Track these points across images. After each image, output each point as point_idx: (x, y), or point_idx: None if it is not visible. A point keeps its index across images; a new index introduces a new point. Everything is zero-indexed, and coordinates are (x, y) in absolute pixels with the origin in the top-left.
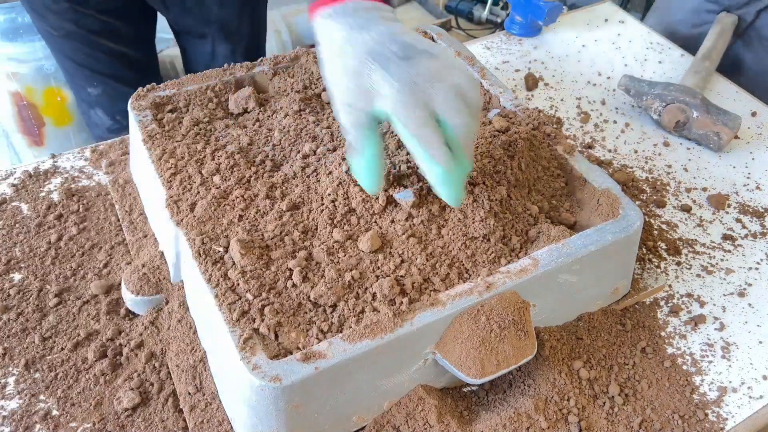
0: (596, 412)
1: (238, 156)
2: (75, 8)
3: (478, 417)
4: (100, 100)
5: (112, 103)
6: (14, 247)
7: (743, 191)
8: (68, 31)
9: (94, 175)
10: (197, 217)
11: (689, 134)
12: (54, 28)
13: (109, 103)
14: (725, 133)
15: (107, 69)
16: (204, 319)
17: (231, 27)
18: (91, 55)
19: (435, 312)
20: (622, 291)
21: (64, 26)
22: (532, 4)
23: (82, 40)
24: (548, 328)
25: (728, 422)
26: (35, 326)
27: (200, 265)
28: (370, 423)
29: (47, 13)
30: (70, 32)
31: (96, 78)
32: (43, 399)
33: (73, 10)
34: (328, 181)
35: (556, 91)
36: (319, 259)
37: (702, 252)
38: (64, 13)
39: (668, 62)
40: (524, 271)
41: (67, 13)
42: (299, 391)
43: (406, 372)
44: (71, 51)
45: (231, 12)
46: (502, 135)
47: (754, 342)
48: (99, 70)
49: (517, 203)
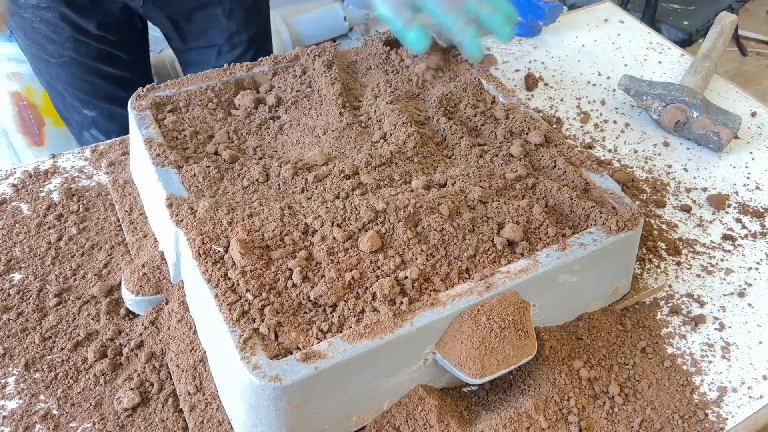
0: (596, 412)
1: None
2: (76, 37)
3: (478, 417)
4: (96, 120)
5: (107, 124)
6: (14, 247)
7: (743, 191)
8: (67, 59)
9: (94, 175)
10: (197, 217)
11: (689, 134)
12: (52, 56)
13: (104, 124)
14: (725, 133)
15: (104, 92)
16: (204, 319)
17: (238, 37)
18: (88, 80)
19: (435, 312)
20: (622, 291)
21: (63, 54)
22: (532, 4)
23: (79, 67)
24: (548, 328)
25: (728, 422)
26: (35, 326)
27: (200, 265)
28: (370, 423)
29: (45, 42)
30: (68, 60)
31: (92, 101)
32: (43, 399)
33: (73, 38)
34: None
35: (556, 91)
36: (319, 259)
37: (702, 252)
38: (64, 42)
39: (668, 62)
40: (524, 271)
41: (67, 41)
42: (299, 391)
43: (406, 372)
44: (68, 76)
45: (238, 21)
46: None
47: (754, 342)
48: (95, 94)
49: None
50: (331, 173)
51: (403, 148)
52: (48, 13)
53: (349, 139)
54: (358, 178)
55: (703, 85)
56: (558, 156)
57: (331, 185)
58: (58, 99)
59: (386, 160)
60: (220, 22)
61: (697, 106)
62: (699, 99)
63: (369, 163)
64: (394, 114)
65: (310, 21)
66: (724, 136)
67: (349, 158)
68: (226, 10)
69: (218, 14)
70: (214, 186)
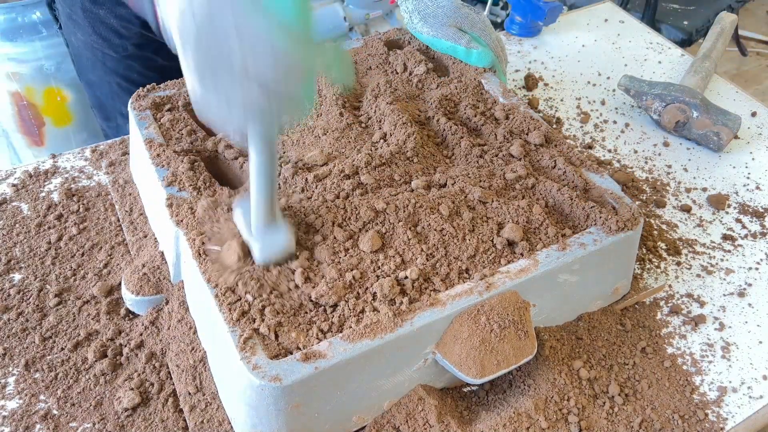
0: (596, 412)
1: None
2: (143, 33)
3: (478, 417)
4: None
5: None
6: (14, 247)
7: (743, 191)
8: (131, 52)
9: (94, 175)
10: (197, 216)
11: (689, 134)
12: (115, 50)
13: None
14: (725, 133)
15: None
16: (204, 319)
17: None
18: (145, 74)
19: (435, 312)
20: (622, 291)
21: (128, 48)
22: (532, 4)
23: (139, 60)
24: (548, 328)
25: (728, 422)
26: (35, 326)
27: (200, 265)
28: (370, 423)
29: (113, 37)
30: (131, 53)
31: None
32: (43, 399)
33: (140, 34)
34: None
35: (555, 91)
36: (320, 258)
37: (702, 252)
38: (132, 37)
39: (668, 62)
40: (524, 271)
41: (135, 37)
42: (299, 391)
43: (406, 372)
44: (125, 69)
45: None
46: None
47: (754, 342)
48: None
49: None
50: (331, 173)
51: (403, 148)
52: (123, 9)
53: (349, 139)
54: (358, 178)
55: (703, 85)
56: (558, 156)
57: (331, 185)
58: (105, 92)
59: (386, 161)
60: None
61: (697, 106)
62: (699, 99)
63: (369, 163)
64: (394, 114)
65: None
66: (724, 136)
67: (349, 158)
68: None
69: None
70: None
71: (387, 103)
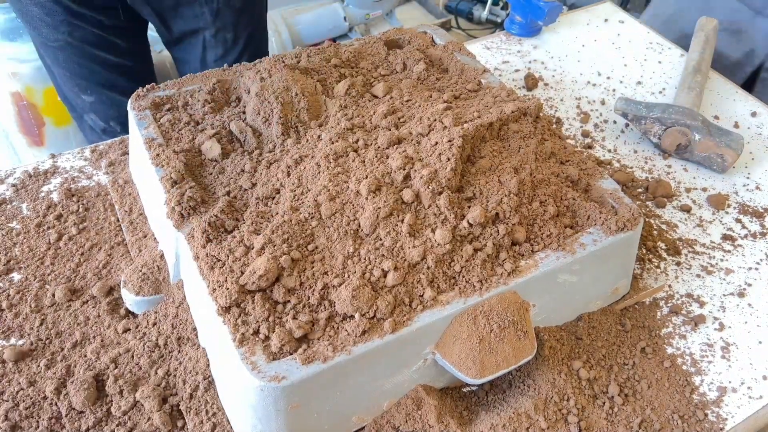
0: (596, 412)
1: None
2: (70, 21)
3: (478, 417)
4: (94, 107)
5: (106, 110)
6: (14, 247)
7: (743, 191)
8: (62, 43)
9: (94, 175)
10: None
11: (691, 157)
12: (48, 39)
13: (103, 110)
14: (729, 155)
15: (102, 78)
16: (204, 319)
17: (226, 35)
18: (85, 66)
19: (435, 312)
20: (622, 291)
21: (58, 38)
22: (532, 4)
23: (76, 51)
24: (548, 328)
25: (728, 422)
26: (35, 326)
27: (200, 265)
28: (370, 423)
29: (41, 26)
30: (64, 44)
31: (90, 87)
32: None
33: (67, 23)
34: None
35: (555, 91)
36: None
37: (702, 252)
38: (58, 26)
39: (668, 62)
40: (524, 271)
41: (61, 25)
42: (299, 391)
43: (406, 372)
44: (64, 61)
45: (226, 21)
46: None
47: (754, 342)
48: (93, 80)
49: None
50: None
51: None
52: None
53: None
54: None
55: (698, 101)
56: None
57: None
58: (58, 83)
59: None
60: (206, 18)
61: (698, 128)
62: (700, 121)
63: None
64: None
65: (310, 21)
66: (728, 158)
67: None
68: (213, 9)
69: (204, 12)
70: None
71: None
